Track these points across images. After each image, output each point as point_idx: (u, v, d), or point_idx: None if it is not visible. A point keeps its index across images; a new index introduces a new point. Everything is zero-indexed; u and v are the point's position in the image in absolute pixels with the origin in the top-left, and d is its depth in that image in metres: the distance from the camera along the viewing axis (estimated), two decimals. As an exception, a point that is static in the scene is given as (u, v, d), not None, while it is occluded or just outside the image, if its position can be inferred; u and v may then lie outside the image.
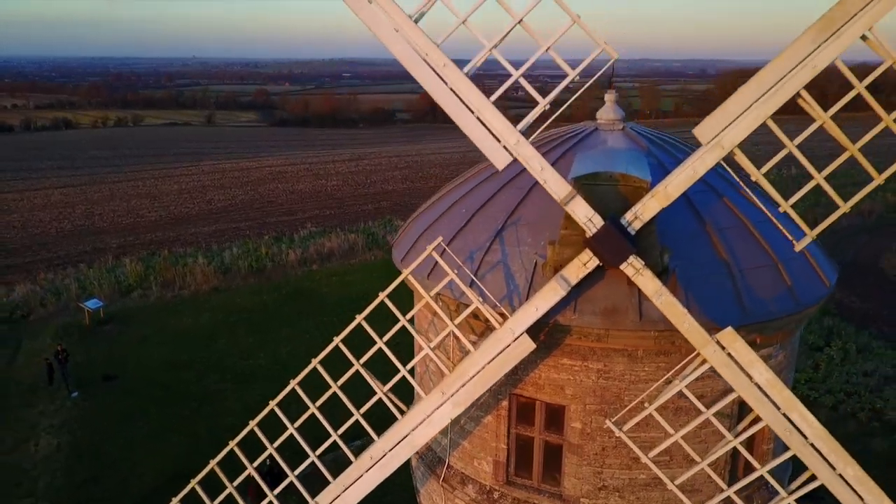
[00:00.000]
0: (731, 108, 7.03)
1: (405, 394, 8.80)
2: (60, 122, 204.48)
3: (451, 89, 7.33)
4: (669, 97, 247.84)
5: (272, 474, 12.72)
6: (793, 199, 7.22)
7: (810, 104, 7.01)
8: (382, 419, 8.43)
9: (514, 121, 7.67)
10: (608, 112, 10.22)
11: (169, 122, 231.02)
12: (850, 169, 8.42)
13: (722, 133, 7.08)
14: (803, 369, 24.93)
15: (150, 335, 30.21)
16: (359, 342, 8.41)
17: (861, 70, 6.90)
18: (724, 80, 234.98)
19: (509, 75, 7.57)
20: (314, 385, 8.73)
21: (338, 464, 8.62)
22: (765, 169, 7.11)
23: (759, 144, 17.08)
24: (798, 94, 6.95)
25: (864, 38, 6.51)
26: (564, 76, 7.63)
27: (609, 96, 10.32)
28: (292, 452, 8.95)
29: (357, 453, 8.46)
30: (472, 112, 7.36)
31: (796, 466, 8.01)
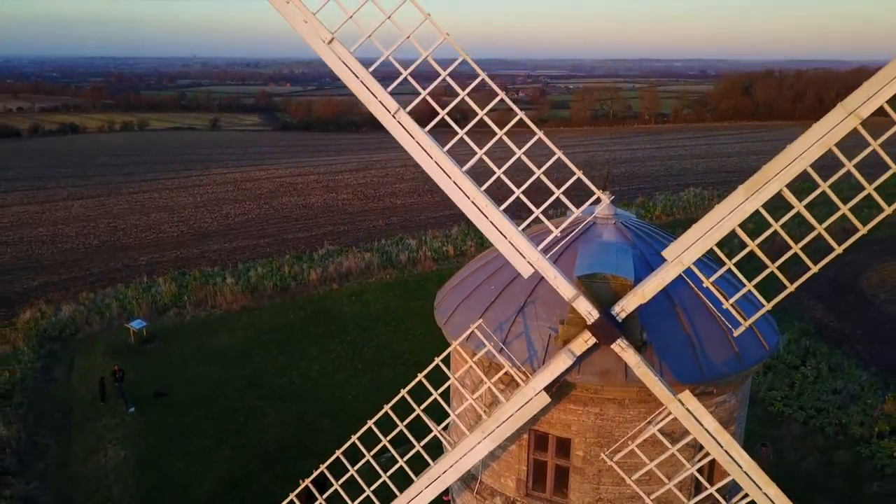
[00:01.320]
0: (689, 236, 10.03)
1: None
2: (67, 128, 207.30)
3: (489, 220, 10.33)
4: (670, 98, 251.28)
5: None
6: (733, 299, 10.19)
7: (741, 236, 9.93)
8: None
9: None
10: (604, 209, 13.17)
11: (174, 126, 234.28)
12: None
13: (683, 253, 10.08)
14: (780, 387, 27.97)
15: (191, 353, 33.30)
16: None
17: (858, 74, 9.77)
18: (723, 83, 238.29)
19: (508, 76, 10.52)
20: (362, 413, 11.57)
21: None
22: (719, 273, 10.09)
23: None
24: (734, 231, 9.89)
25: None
26: (564, 76, 10.75)
27: (605, 197, 13.24)
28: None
29: (385, 465, 11.53)
30: (505, 237, 10.36)
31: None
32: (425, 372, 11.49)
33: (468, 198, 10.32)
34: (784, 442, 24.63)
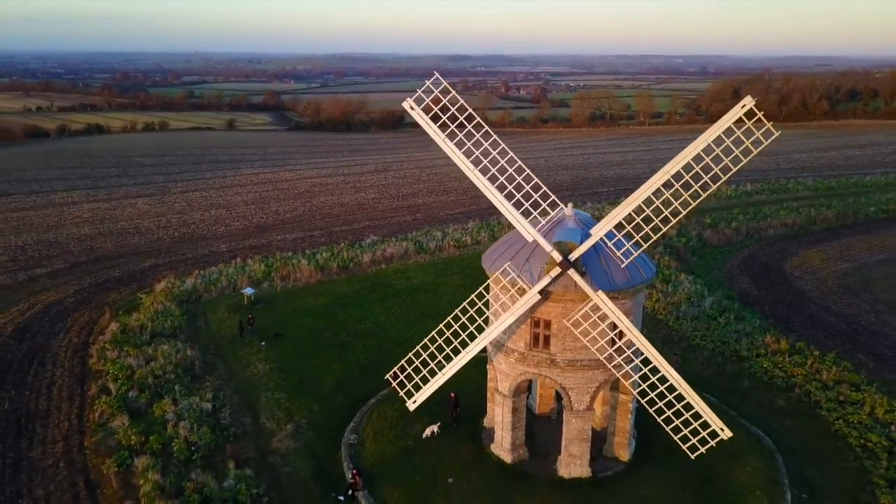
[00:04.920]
0: (600, 226, 23.43)
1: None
2: (93, 128, 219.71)
3: (514, 217, 23.71)
4: (667, 97, 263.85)
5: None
6: (621, 251, 23.57)
7: (623, 222, 23.24)
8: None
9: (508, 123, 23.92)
10: (569, 211, 26.40)
11: (192, 126, 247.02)
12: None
13: (598, 232, 23.49)
14: (700, 329, 41.38)
15: (290, 311, 46.66)
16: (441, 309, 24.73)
17: (845, 77, 23.10)
18: (714, 86, 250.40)
19: (510, 73, 23.96)
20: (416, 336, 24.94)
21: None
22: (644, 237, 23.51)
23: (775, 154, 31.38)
24: (631, 215, 23.21)
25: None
26: (565, 72, 24.50)
27: (568, 208, 26.44)
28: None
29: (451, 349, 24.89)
30: (523, 222, 23.76)
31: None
32: (477, 291, 24.88)
33: (503, 206, 23.76)
34: (696, 361, 38.00)
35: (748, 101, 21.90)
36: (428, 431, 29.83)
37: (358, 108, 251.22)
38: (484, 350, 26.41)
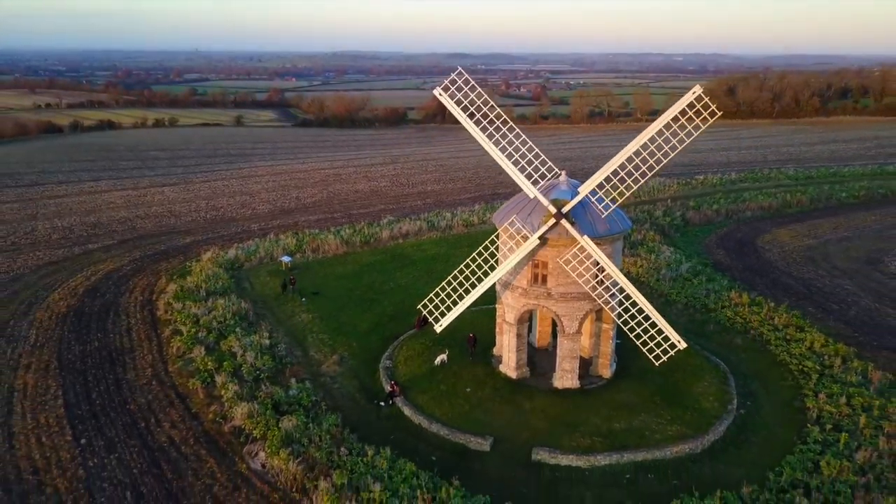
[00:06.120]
0: (585, 185, 30.58)
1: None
2: (105, 125, 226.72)
3: (521, 182, 30.83)
4: (665, 95, 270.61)
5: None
6: (601, 205, 30.71)
7: (605, 185, 30.37)
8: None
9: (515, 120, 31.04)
10: (563, 177, 33.46)
11: (201, 122, 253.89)
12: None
13: (583, 191, 30.64)
14: (676, 288, 48.48)
15: (323, 275, 53.78)
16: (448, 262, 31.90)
17: (837, 76, 30.13)
18: (709, 84, 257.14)
19: (510, 71, 31.11)
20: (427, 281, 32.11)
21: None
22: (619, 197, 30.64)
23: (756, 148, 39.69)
24: (616, 172, 30.34)
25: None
26: (565, 70, 31.87)
27: (563, 174, 33.50)
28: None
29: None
30: (527, 184, 30.90)
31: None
32: (488, 240, 32.00)
33: (511, 170, 30.91)
34: (671, 312, 45.01)
35: (697, 89, 28.96)
36: (438, 360, 36.72)
37: (361, 105, 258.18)
38: (492, 299, 33.49)
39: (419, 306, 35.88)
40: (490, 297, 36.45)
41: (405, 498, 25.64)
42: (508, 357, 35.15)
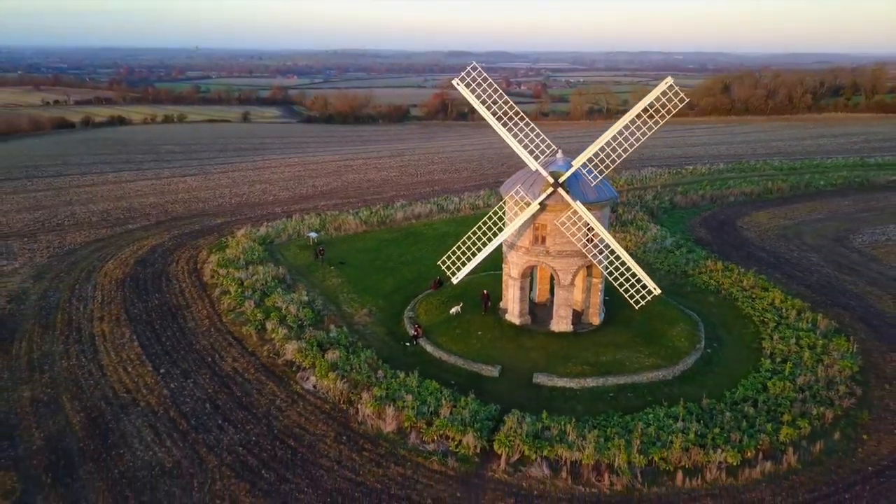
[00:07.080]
0: (578, 159, 37.14)
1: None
2: (116, 121, 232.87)
3: (526, 158, 37.36)
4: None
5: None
6: (590, 177, 37.28)
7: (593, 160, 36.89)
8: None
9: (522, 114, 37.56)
10: (559, 155, 39.96)
11: (209, 118, 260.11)
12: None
13: (577, 164, 37.21)
14: (659, 259, 55.00)
15: (346, 248, 60.33)
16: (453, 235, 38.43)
17: (831, 74, 36.58)
18: (705, 82, 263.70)
19: (511, 69, 37.67)
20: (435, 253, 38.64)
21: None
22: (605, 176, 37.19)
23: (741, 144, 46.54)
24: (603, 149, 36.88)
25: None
26: (565, 68, 38.63)
27: (560, 152, 39.99)
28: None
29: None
30: (530, 158, 37.45)
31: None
32: (494, 208, 38.54)
33: (516, 147, 37.48)
34: (654, 278, 51.47)
35: (669, 80, 35.47)
36: (452, 310, 43.21)
37: (364, 102, 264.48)
38: (498, 265, 40.01)
39: (438, 262, 42.43)
40: (496, 263, 42.95)
41: (432, 404, 32.18)
42: (513, 307, 41.68)
